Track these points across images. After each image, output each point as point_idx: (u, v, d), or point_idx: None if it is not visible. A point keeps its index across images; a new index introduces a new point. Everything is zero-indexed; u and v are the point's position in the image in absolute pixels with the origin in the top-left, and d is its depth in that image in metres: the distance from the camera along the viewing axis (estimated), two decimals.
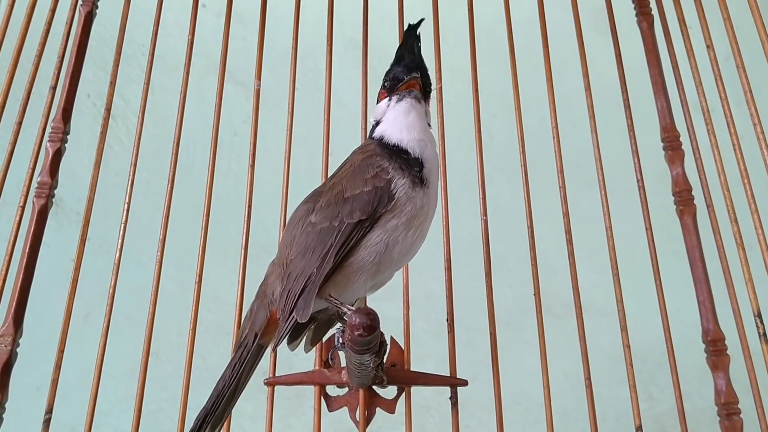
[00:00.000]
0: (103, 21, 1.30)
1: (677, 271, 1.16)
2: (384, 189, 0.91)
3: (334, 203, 0.92)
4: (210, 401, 0.94)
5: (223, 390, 0.94)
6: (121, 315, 1.11)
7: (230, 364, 0.96)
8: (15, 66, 1.20)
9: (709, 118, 1.14)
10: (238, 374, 0.95)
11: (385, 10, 1.30)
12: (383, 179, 0.91)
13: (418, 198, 0.92)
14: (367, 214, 0.90)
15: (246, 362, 0.95)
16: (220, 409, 0.94)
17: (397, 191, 0.91)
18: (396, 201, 0.90)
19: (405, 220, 0.91)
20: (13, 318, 1.08)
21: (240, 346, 0.96)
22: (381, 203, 0.90)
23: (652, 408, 1.79)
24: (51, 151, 1.17)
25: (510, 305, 1.54)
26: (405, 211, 0.91)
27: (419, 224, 0.93)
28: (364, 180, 0.92)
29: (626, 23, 1.29)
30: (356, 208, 0.90)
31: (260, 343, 0.96)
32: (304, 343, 1.02)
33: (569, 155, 1.20)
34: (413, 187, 0.92)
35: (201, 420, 0.93)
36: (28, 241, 1.12)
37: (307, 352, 1.03)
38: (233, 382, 0.94)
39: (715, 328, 1.09)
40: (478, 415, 1.58)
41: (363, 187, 0.91)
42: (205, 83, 1.33)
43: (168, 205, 1.17)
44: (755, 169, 1.07)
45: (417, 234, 0.93)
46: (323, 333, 1.04)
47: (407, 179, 0.92)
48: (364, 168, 0.93)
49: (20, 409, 1.09)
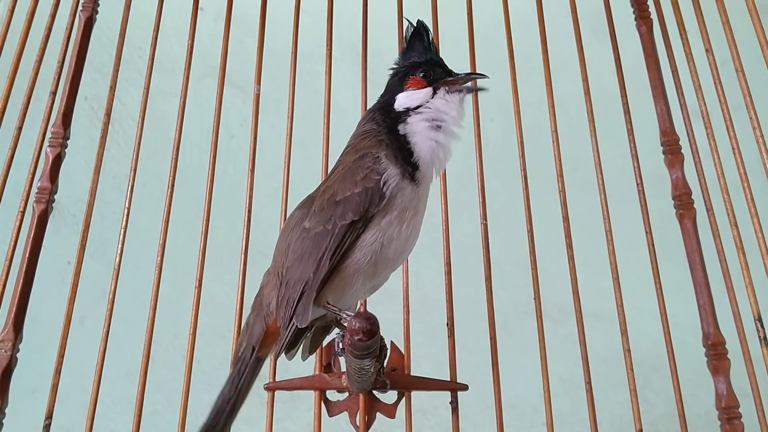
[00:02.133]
0: (101, 24, 1.29)
1: (674, 276, 1.16)
2: (374, 189, 0.90)
3: (326, 207, 0.92)
4: (210, 417, 0.93)
5: (222, 405, 0.93)
6: (117, 318, 1.11)
7: (229, 379, 0.95)
8: (15, 71, 1.20)
9: (708, 122, 1.14)
10: (237, 390, 0.94)
11: (384, 14, 1.30)
12: (372, 179, 0.90)
13: (408, 189, 0.92)
14: (359, 215, 0.89)
15: (245, 377, 0.95)
16: (220, 425, 0.93)
17: (389, 184, 0.90)
18: (387, 197, 0.90)
19: (397, 214, 0.90)
20: (13, 323, 1.08)
21: (238, 360, 0.96)
22: (372, 203, 0.90)
23: (648, 412, 1.79)
24: (51, 156, 1.16)
25: (506, 309, 1.54)
26: (396, 203, 0.90)
27: (411, 217, 0.92)
28: (354, 182, 0.91)
29: (625, 27, 1.29)
30: (348, 210, 0.90)
31: (258, 356, 0.96)
32: (302, 351, 1.01)
33: (567, 159, 1.20)
34: (403, 178, 0.91)
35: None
36: (27, 246, 1.12)
37: (304, 359, 1.03)
38: (233, 397, 0.94)
39: (715, 332, 1.09)
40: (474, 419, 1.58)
41: (353, 189, 0.90)
42: (201, 86, 1.33)
43: (168, 209, 1.17)
44: (755, 173, 1.07)
45: (410, 230, 0.92)
46: (321, 340, 1.04)
47: (399, 169, 0.91)
48: (354, 170, 0.92)
49: (16, 412, 1.09)
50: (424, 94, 0.97)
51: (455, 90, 0.98)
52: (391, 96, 0.98)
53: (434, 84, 0.97)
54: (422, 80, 0.98)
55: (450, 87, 0.97)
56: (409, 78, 0.98)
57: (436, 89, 0.97)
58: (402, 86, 0.98)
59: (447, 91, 0.97)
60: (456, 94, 0.97)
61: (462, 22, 1.29)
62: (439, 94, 0.97)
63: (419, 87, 0.97)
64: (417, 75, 0.98)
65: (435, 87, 0.97)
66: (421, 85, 0.98)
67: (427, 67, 0.98)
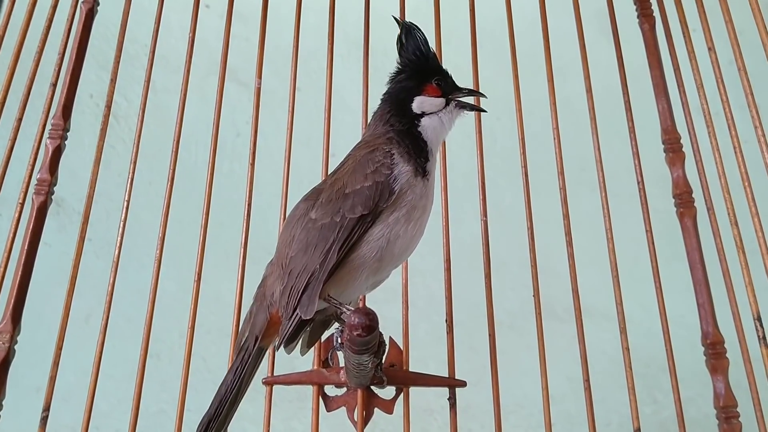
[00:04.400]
0: (106, 21, 1.30)
1: (680, 275, 1.16)
2: (384, 184, 0.92)
3: (335, 199, 0.93)
4: (213, 406, 0.94)
5: (225, 395, 0.94)
6: (122, 316, 1.11)
7: (231, 368, 0.96)
8: (16, 62, 1.20)
9: (710, 120, 1.13)
10: (240, 378, 0.95)
11: (388, 12, 1.30)
12: (383, 174, 0.92)
13: (419, 187, 0.94)
14: (368, 209, 0.90)
15: (247, 366, 0.95)
16: (223, 414, 0.94)
17: (399, 180, 0.92)
18: (397, 193, 0.92)
19: (405, 212, 0.92)
20: (11, 315, 1.08)
21: (240, 350, 0.96)
22: (382, 198, 0.91)
23: (657, 413, 1.78)
24: (51, 148, 1.16)
25: (513, 308, 1.54)
26: (406, 201, 0.92)
27: (418, 217, 0.94)
28: (365, 175, 0.92)
29: (628, 25, 1.29)
30: (357, 203, 0.91)
31: (261, 346, 0.96)
32: (300, 346, 1.02)
33: (573, 159, 1.20)
34: (415, 175, 0.94)
35: (205, 426, 0.93)
36: (27, 237, 1.12)
37: (303, 354, 1.03)
38: (236, 386, 0.94)
39: (714, 331, 1.09)
40: (481, 419, 1.58)
41: (363, 182, 0.92)
42: (207, 84, 1.32)
43: (167, 202, 1.17)
44: (756, 172, 1.06)
45: (416, 229, 0.94)
46: (319, 335, 1.04)
47: (410, 167, 0.94)
48: (365, 163, 0.94)
49: (19, 410, 1.09)
50: (439, 104, 1.01)
51: (462, 106, 1.03)
52: (408, 96, 1.02)
53: (447, 96, 1.02)
54: (437, 89, 1.02)
55: (459, 102, 1.02)
56: (426, 84, 1.02)
57: (449, 102, 1.02)
58: (419, 90, 1.02)
59: (456, 105, 1.02)
60: (459, 110, 1.03)
61: (465, 21, 1.29)
62: (450, 107, 1.02)
63: (434, 95, 1.02)
64: (432, 82, 1.02)
65: (447, 99, 1.02)
66: (436, 93, 1.02)
67: (440, 76, 1.02)
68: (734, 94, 1.11)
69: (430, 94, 1.02)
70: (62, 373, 1.08)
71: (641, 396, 1.07)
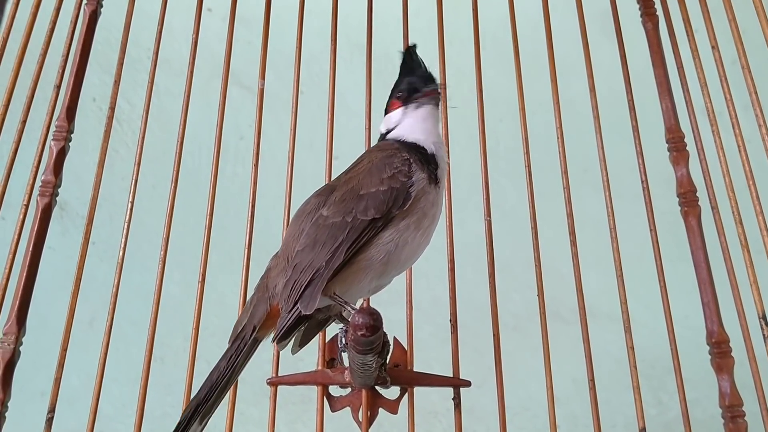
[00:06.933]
0: (110, 25, 1.30)
1: (685, 275, 1.15)
2: (400, 191, 0.92)
3: (348, 198, 0.93)
4: (203, 391, 0.94)
5: (216, 381, 0.94)
6: (127, 320, 1.11)
7: (225, 355, 0.95)
8: (19, 65, 1.20)
9: (714, 119, 1.13)
10: (232, 366, 0.95)
11: (392, 16, 1.30)
12: (399, 181, 0.92)
13: (432, 195, 0.94)
14: (381, 213, 0.91)
15: (241, 355, 0.95)
16: (212, 400, 0.94)
17: (415, 186, 0.92)
18: (411, 200, 0.92)
19: (416, 219, 0.92)
20: (16, 317, 1.09)
21: (237, 338, 0.96)
22: (396, 204, 0.91)
23: (663, 414, 1.78)
24: (55, 150, 1.17)
25: (518, 310, 1.53)
26: (418, 208, 0.93)
27: (427, 225, 0.94)
28: (381, 179, 0.93)
29: (631, 24, 1.29)
30: (371, 206, 0.91)
31: (257, 337, 0.96)
32: (293, 344, 1.02)
33: (576, 159, 1.20)
34: (429, 183, 0.94)
35: (193, 409, 0.93)
36: (31, 239, 1.12)
37: (294, 353, 1.03)
38: (228, 374, 0.94)
39: (719, 330, 1.09)
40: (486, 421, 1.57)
41: (379, 186, 0.92)
42: (210, 87, 1.33)
43: (171, 205, 1.17)
44: (760, 170, 1.06)
45: (424, 237, 0.95)
46: (313, 335, 1.04)
47: (425, 174, 0.94)
48: (382, 167, 0.94)
49: (25, 414, 1.09)
50: (397, 115, 1.01)
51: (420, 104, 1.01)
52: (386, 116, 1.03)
53: (406, 103, 1.01)
54: (398, 101, 1.02)
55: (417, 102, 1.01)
56: (391, 101, 1.03)
57: (406, 108, 1.01)
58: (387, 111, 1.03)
59: (416, 107, 1.00)
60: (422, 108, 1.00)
61: (468, 22, 1.29)
62: (408, 111, 1.01)
63: (394, 108, 1.02)
64: (397, 97, 1.02)
65: (405, 106, 1.01)
66: (395, 106, 1.02)
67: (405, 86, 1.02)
68: (738, 92, 1.11)
69: (390, 111, 1.03)
70: (67, 377, 1.08)
71: (646, 397, 1.06)
